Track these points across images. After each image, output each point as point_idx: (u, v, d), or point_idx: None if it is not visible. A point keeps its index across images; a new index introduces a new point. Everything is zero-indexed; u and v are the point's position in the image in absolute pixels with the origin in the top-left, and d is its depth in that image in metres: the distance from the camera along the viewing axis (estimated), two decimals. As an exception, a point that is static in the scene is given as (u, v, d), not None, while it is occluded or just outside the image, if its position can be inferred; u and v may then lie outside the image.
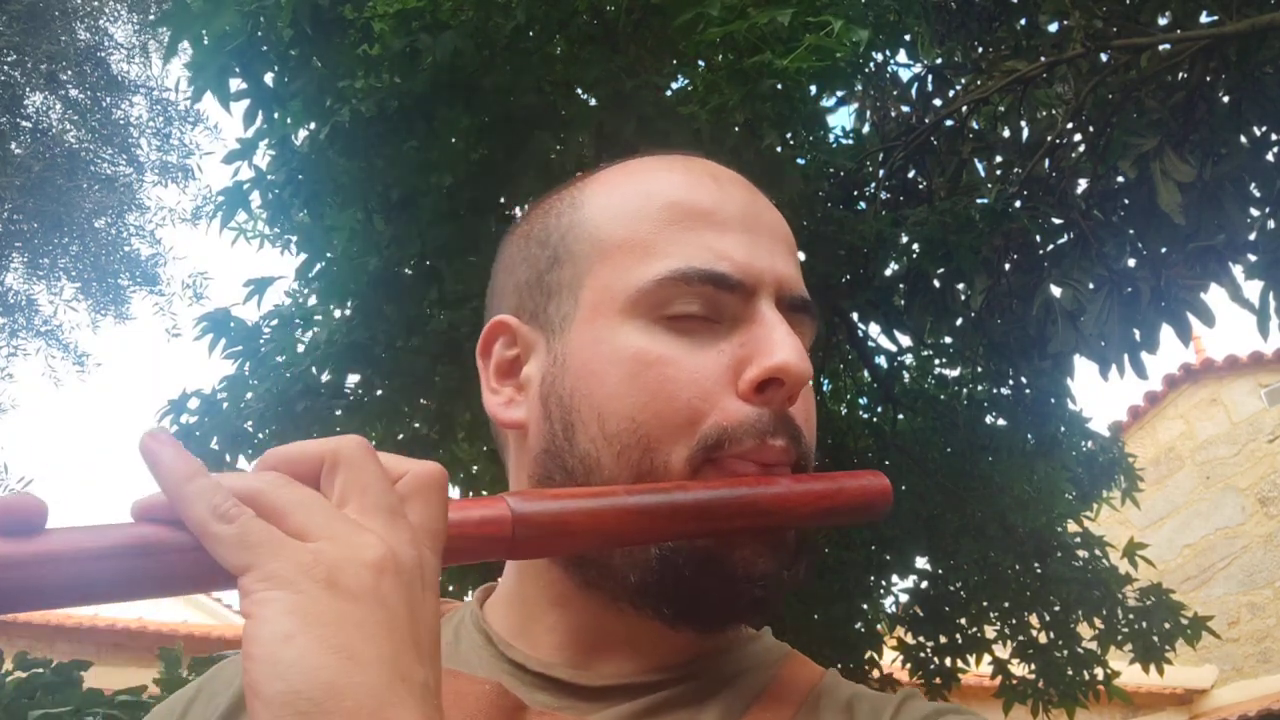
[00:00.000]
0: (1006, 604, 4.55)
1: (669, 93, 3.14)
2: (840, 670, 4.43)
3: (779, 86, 2.76)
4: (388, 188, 3.15)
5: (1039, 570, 4.50)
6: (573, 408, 0.61)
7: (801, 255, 3.58)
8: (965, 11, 4.18)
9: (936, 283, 3.74)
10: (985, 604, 4.56)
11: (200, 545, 0.41)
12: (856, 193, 4.09)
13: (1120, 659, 4.55)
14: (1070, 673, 4.47)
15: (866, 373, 4.50)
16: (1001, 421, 4.51)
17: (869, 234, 3.47)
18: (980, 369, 4.52)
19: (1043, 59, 3.86)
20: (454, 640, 0.68)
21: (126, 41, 8.68)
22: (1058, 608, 4.51)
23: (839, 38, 2.49)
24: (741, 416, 0.58)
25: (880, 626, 4.61)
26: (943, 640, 4.53)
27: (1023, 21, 4.20)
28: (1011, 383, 4.50)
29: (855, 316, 4.19)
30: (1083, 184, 3.97)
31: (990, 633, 4.62)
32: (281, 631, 0.38)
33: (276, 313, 3.81)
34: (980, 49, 4.36)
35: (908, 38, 4.09)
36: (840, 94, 4.18)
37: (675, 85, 3.31)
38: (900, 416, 4.49)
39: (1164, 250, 3.55)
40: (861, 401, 4.76)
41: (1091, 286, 3.53)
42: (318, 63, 2.86)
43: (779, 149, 3.12)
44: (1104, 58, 3.77)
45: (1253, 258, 3.40)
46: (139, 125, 8.75)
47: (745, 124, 2.89)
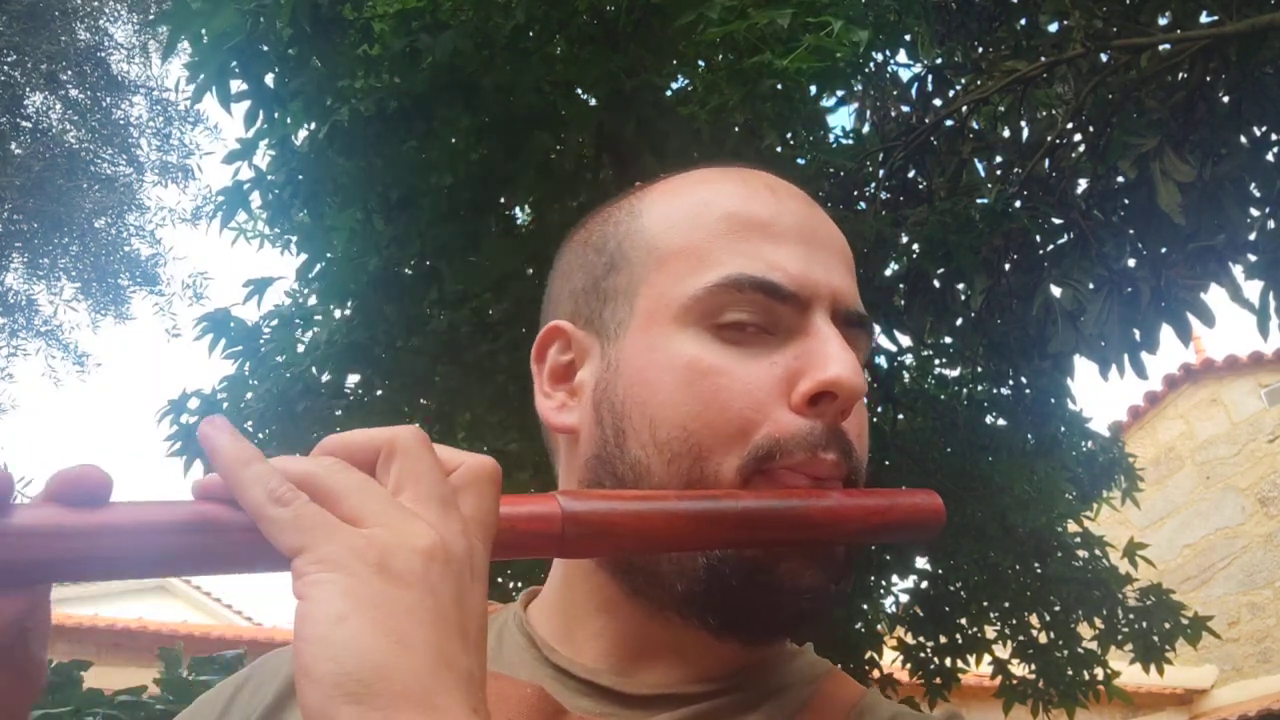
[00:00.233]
0: (1006, 604, 4.55)
1: (669, 93, 3.14)
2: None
3: (779, 87, 2.76)
4: (388, 188, 3.15)
5: (1039, 570, 4.50)
6: (625, 414, 0.61)
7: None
8: (965, 11, 4.18)
9: (936, 283, 3.74)
10: (985, 604, 4.56)
11: (255, 528, 0.42)
12: (856, 193, 4.09)
13: (1120, 659, 4.55)
14: (1070, 673, 4.47)
15: (866, 372, 4.50)
16: (1001, 421, 4.51)
17: (869, 234, 3.47)
18: (980, 369, 4.52)
19: (1043, 59, 3.86)
20: (497, 643, 0.68)
21: (126, 41, 8.69)
22: (1058, 608, 4.51)
23: (839, 38, 2.49)
24: (794, 429, 0.58)
25: (880, 626, 4.62)
26: (943, 640, 4.53)
27: (1023, 21, 4.20)
28: (1011, 383, 4.50)
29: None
30: (1083, 184, 3.97)
31: (990, 633, 4.62)
32: (335, 613, 0.38)
33: (276, 313, 3.81)
34: (980, 49, 4.36)
35: (908, 38, 4.09)
36: (840, 94, 4.18)
37: (675, 85, 3.32)
38: (900, 416, 4.49)
39: (1164, 250, 3.55)
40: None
41: (1091, 286, 3.52)
42: (317, 62, 2.86)
43: (779, 149, 3.12)
44: (1104, 58, 3.77)
45: (1253, 258, 3.40)
46: (139, 125, 8.76)
47: (745, 124, 2.89)
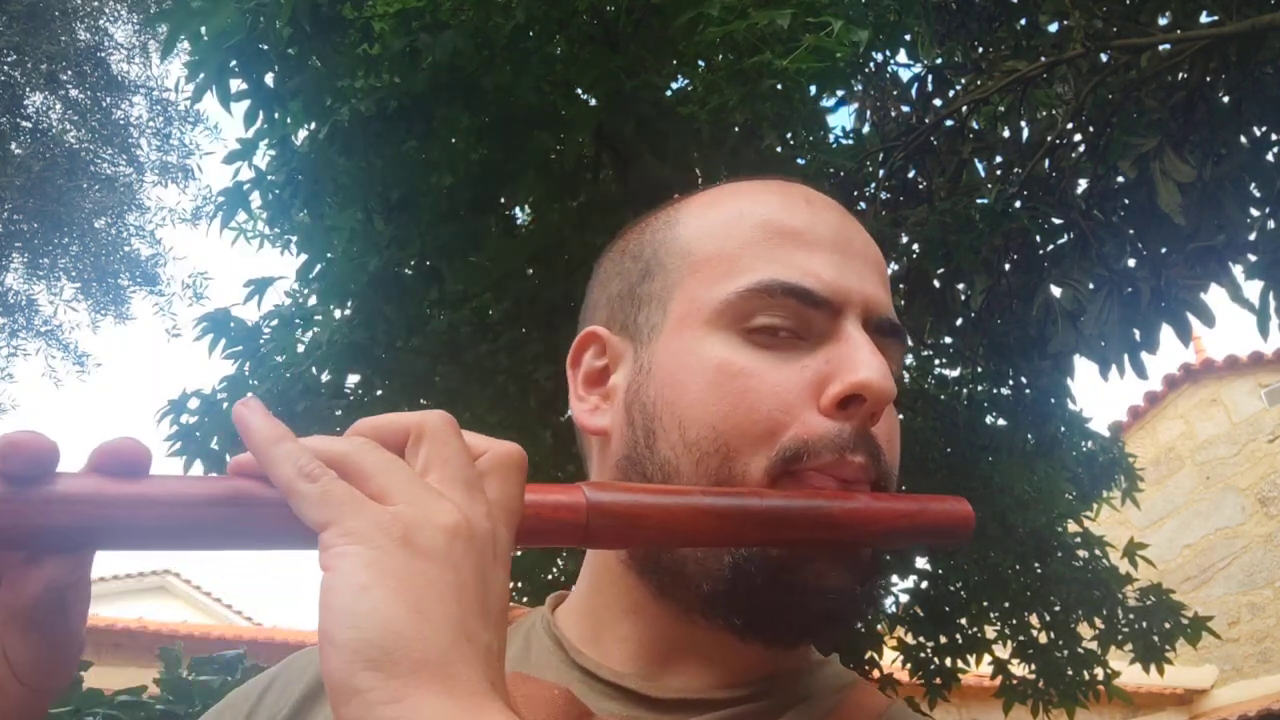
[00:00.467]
0: (1006, 604, 4.55)
1: (669, 93, 3.14)
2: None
3: (779, 87, 2.76)
4: (388, 188, 3.15)
5: (1039, 570, 4.50)
6: (655, 415, 0.62)
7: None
8: (965, 11, 4.18)
9: (936, 283, 3.74)
10: (985, 604, 4.56)
11: (286, 503, 0.43)
12: (856, 193, 4.09)
13: (1120, 659, 4.55)
14: (1070, 673, 4.47)
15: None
16: (1001, 421, 4.51)
17: (869, 234, 3.47)
18: (980, 369, 4.52)
19: (1043, 59, 3.86)
20: (524, 645, 0.68)
21: (126, 41, 8.69)
22: (1058, 608, 4.51)
23: (839, 38, 2.49)
24: (822, 431, 0.58)
25: (880, 626, 4.61)
26: (943, 640, 4.53)
27: (1023, 21, 4.20)
28: (1011, 383, 4.50)
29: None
30: (1083, 184, 3.96)
31: (990, 633, 4.62)
32: (358, 583, 0.40)
33: (276, 313, 3.81)
34: (980, 49, 4.36)
35: (908, 38, 4.09)
36: (840, 94, 4.18)
37: (675, 85, 3.32)
38: (900, 417, 4.48)
39: (1164, 250, 3.55)
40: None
41: (1091, 286, 3.52)
42: (317, 62, 2.86)
43: (779, 149, 3.12)
44: (1104, 58, 3.77)
45: (1253, 258, 3.40)
46: (139, 125, 8.77)
47: (745, 124, 2.89)
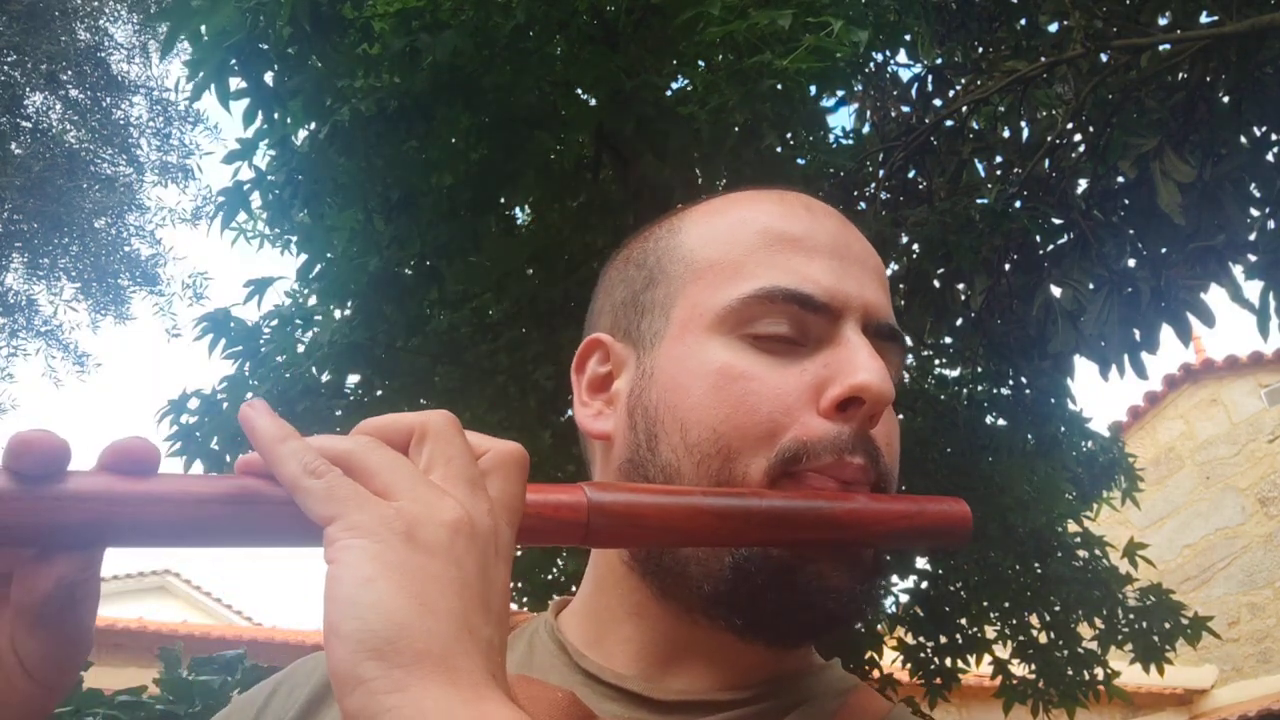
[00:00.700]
0: (1006, 604, 4.55)
1: (669, 93, 3.14)
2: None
3: (779, 87, 2.76)
4: (388, 188, 3.15)
5: (1039, 570, 4.50)
6: (657, 418, 0.63)
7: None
8: (965, 11, 4.18)
9: (936, 283, 3.74)
10: (985, 604, 4.56)
11: (292, 501, 0.44)
12: (856, 193, 4.09)
13: (1120, 659, 4.55)
14: (1070, 673, 4.47)
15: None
16: (1001, 421, 4.51)
17: (869, 234, 3.46)
18: (980, 369, 4.52)
19: (1043, 59, 3.86)
20: (528, 649, 0.69)
21: (126, 41, 8.69)
22: (1058, 608, 4.51)
23: (839, 38, 2.49)
24: (821, 432, 0.59)
25: (880, 626, 4.61)
26: (943, 640, 4.53)
27: (1023, 21, 4.20)
28: (1011, 383, 4.50)
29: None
30: (1083, 184, 3.96)
31: (990, 633, 4.62)
32: (362, 575, 0.41)
33: (276, 313, 3.81)
34: (980, 49, 4.36)
35: (908, 38, 4.09)
36: (840, 94, 4.18)
37: (675, 85, 3.31)
38: (900, 417, 4.48)
39: (1164, 250, 3.55)
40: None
41: (1091, 286, 3.52)
42: (317, 62, 2.86)
43: (779, 149, 3.12)
44: (1104, 58, 3.77)
45: (1253, 258, 3.40)
46: (139, 125, 8.77)
47: (745, 124, 2.89)
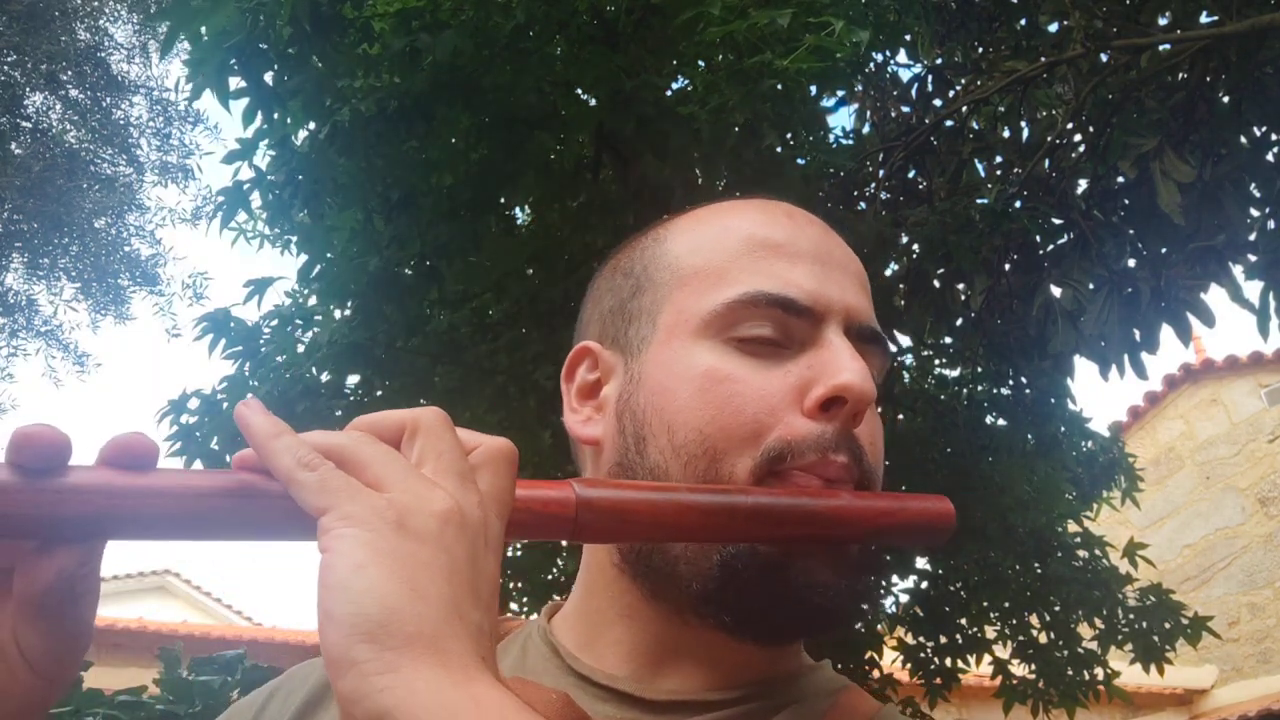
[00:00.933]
0: (1006, 604, 4.55)
1: (669, 93, 3.14)
2: (840, 670, 4.45)
3: (779, 87, 2.76)
4: (388, 188, 3.15)
5: (1039, 570, 4.50)
6: (645, 422, 0.64)
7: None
8: (965, 11, 4.18)
9: (936, 283, 3.74)
10: (985, 604, 4.56)
11: (287, 495, 0.45)
12: (856, 193, 4.09)
13: (1120, 659, 4.55)
14: (1070, 673, 4.47)
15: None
16: (1001, 422, 4.51)
17: (869, 234, 3.47)
18: (980, 369, 4.52)
19: (1043, 59, 3.86)
20: (521, 653, 0.70)
21: (126, 41, 8.69)
22: (1058, 608, 4.51)
23: (839, 38, 2.49)
24: (805, 432, 0.60)
25: (880, 626, 4.61)
26: (943, 640, 4.53)
27: (1023, 22, 4.20)
28: (1011, 383, 4.50)
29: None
30: (1083, 184, 3.96)
31: (990, 633, 4.62)
32: (355, 562, 0.42)
33: (276, 313, 3.81)
34: (980, 49, 4.36)
35: (908, 38, 4.09)
36: (840, 94, 4.18)
37: (675, 85, 3.31)
38: (900, 417, 4.49)
39: (1164, 250, 3.55)
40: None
41: (1091, 286, 3.53)
42: (317, 62, 2.86)
43: (779, 149, 3.12)
44: (1104, 58, 3.77)
45: (1253, 258, 3.40)
46: (139, 125, 8.77)
47: (745, 124, 2.88)
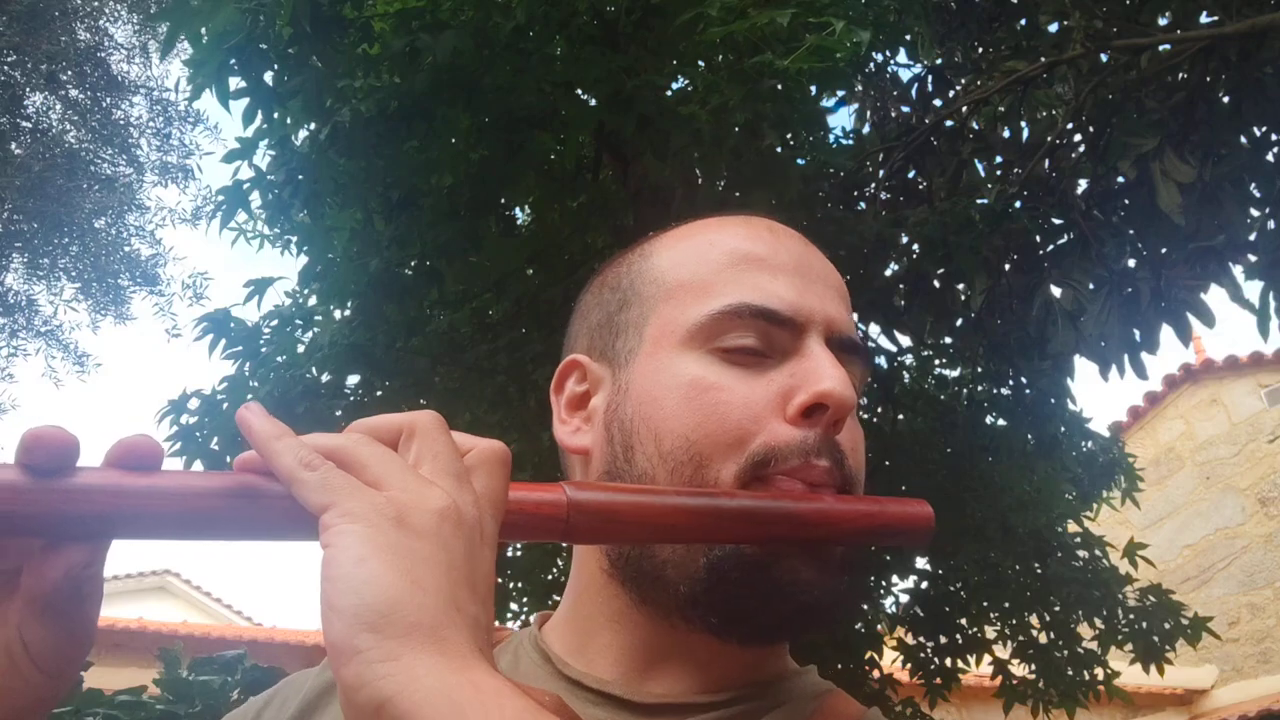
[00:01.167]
0: (1006, 604, 4.55)
1: (669, 93, 3.13)
2: (840, 670, 4.43)
3: (779, 87, 2.76)
4: (388, 188, 3.15)
5: (1039, 571, 4.50)
6: (633, 430, 0.66)
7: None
8: (965, 12, 4.18)
9: (936, 283, 3.74)
10: (985, 604, 4.56)
11: (289, 495, 0.47)
12: (856, 193, 4.09)
13: (1120, 659, 4.55)
14: (1070, 673, 4.47)
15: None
16: (1001, 422, 4.51)
17: (869, 234, 3.47)
18: (980, 369, 4.52)
19: (1043, 59, 3.86)
20: (513, 661, 0.71)
21: (126, 41, 8.69)
22: (1058, 608, 4.51)
23: (840, 38, 2.49)
24: (788, 437, 0.62)
25: (880, 627, 4.61)
26: (943, 640, 4.53)
27: (1023, 22, 4.20)
28: (1011, 383, 4.50)
29: (855, 316, 4.18)
30: (1083, 184, 3.97)
31: (990, 633, 4.62)
32: (356, 555, 0.43)
33: (276, 313, 3.81)
34: (980, 49, 4.36)
35: (908, 38, 4.08)
36: (840, 94, 4.18)
37: (675, 85, 3.31)
38: (900, 417, 4.49)
39: (1164, 250, 3.55)
40: (861, 401, 4.74)
41: (1091, 287, 3.53)
42: (317, 62, 2.85)
43: (779, 149, 3.12)
44: (1104, 58, 3.77)
45: (1253, 258, 3.40)
46: (139, 125, 8.76)
47: (745, 124, 2.88)
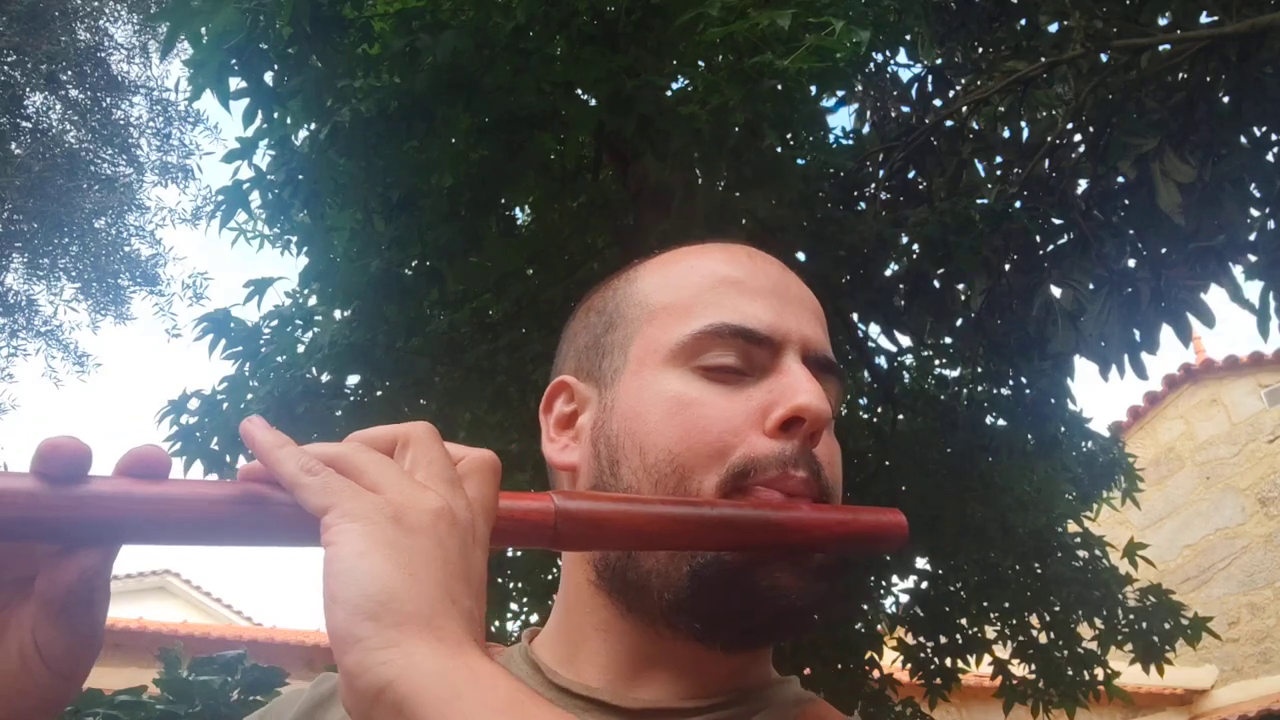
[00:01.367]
0: (1006, 604, 4.55)
1: (669, 93, 3.13)
2: (840, 670, 4.42)
3: (779, 87, 2.76)
4: (388, 188, 3.15)
5: (1039, 571, 4.50)
6: (618, 445, 0.69)
7: (801, 256, 3.58)
8: (965, 12, 4.18)
9: (936, 283, 3.74)
10: (985, 604, 4.55)
11: (293, 503, 0.49)
12: (856, 193, 4.09)
13: (1120, 659, 4.55)
14: (1070, 673, 4.47)
15: (866, 373, 4.50)
16: (1001, 422, 4.50)
17: (869, 234, 3.47)
18: (980, 369, 4.51)
19: (1043, 59, 3.86)
20: None
21: (126, 41, 8.69)
22: (1058, 608, 4.51)
23: (840, 38, 2.49)
24: (766, 449, 0.65)
25: (880, 627, 4.61)
26: (943, 640, 4.53)
27: (1023, 22, 4.20)
28: (1011, 383, 4.50)
29: (855, 317, 4.18)
30: (1083, 184, 3.97)
31: (990, 633, 4.62)
32: (356, 549, 0.46)
33: (276, 314, 3.81)
34: (980, 49, 4.36)
35: (908, 38, 4.08)
36: (840, 94, 4.18)
37: (675, 85, 3.31)
38: (900, 417, 4.49)
39: (1164, 250, 3.55)
40: (861, 401, 4.76)
41: (1091, 287, 3.53)
42: (317, 62, 2.85)
43: (779, 149, 3.12)
44: (1104, 58, 3.77)
45: (1253, 258, 3.40)
46: (139, 125, 8.76)
47: (745, 124, 2.88)
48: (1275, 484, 9.43)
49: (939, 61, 4.31)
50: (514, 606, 4.25)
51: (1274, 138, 3.50)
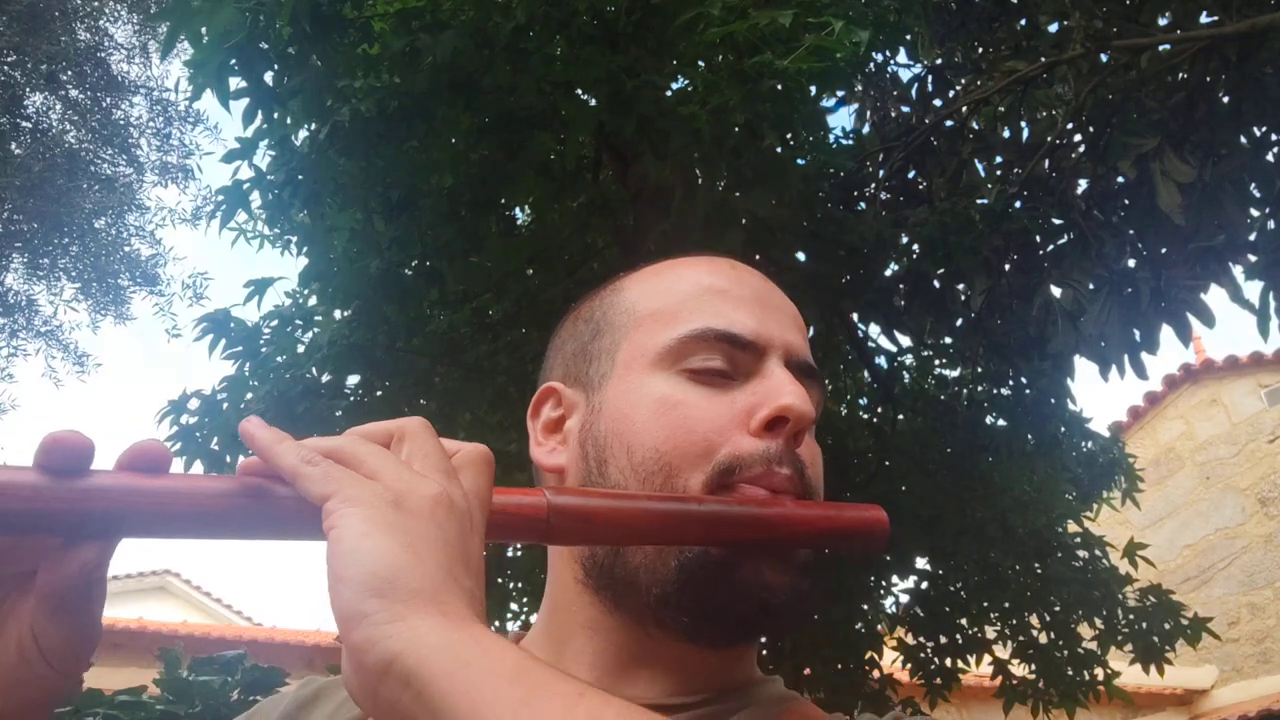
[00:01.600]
0: (1006, 604, 4.54)
1: (669, 93, 3.13)
2: (840, 670, 4.41)
3: (779, 87, 2.76)
4: (388, 188, 3.15)
5: (1039, 571, 4.50)
6: (606, 445, 0.71)
7: (801, 256, 3.58)
8: (965, 12, 4.18)
9: (936, 283, 3.74)
10: (985, 604, 4.55)
11: (293, 495, 0.51)
12: (856, 193, 4.08)
13: (1120, 659, 4.55)
14: (1070, 673, 4.46)
15: (866, 373, 4.50)
16: (1001, 422, 4.50)
17: (869, 234, 3.47)
18: (980, 369, 4.51)
19: (1043, 59, 3.86)
20: None
21: (126, 41, 8.68)
22: (1058, 608, 4.51)
23: (839, 38, 2.49)
24: (751, 448, 0.67)
25: (880, 627, 4.61)
26: (943, 640, 4.53)
27: (1023, 22, 4.20)
28: (1011, 383, 4.50)
29: (855, 317, 4.18)
30: (1083, 184, 3.97)
31: (990, 633, 4.62)
32: (360, 531, 0.48)
33: (276, 314, 3.81)
34: (980, 49, 4.36)
35: (908, 38, 4.08)
36: (840, 94, 4.18)
37: (675, 85, 3.31)
38: (900, 416, 4.49)
39: (1164, 250, 3.55)
40: (861, 401, 4.76)
41: (1091, 287, 3.53)
42: (317, 62, 2.85)
43: (779, 149, 3.12)
44: (1104, 58, 3.77)
45: (1253, 258, 3.40)
46: (139, 125, 8.76)
47: (745, 124, 2.88)
48: (1275, 484, 9.43)
49: (939, 61, 4.31)
50: (514, 607, 4.25)
51: (1274, 138, 3.50)
